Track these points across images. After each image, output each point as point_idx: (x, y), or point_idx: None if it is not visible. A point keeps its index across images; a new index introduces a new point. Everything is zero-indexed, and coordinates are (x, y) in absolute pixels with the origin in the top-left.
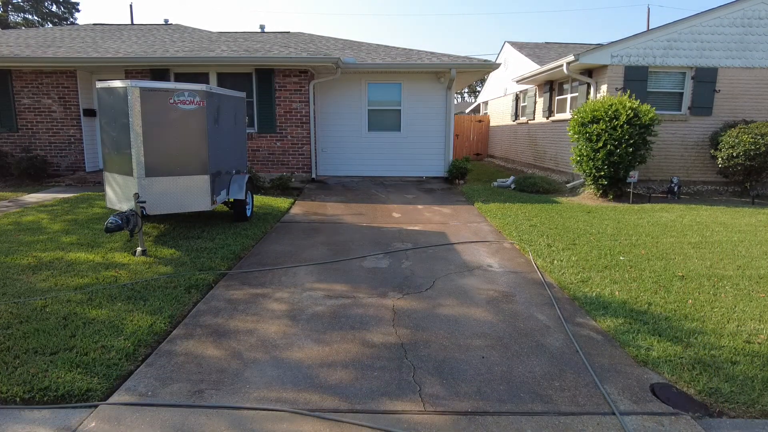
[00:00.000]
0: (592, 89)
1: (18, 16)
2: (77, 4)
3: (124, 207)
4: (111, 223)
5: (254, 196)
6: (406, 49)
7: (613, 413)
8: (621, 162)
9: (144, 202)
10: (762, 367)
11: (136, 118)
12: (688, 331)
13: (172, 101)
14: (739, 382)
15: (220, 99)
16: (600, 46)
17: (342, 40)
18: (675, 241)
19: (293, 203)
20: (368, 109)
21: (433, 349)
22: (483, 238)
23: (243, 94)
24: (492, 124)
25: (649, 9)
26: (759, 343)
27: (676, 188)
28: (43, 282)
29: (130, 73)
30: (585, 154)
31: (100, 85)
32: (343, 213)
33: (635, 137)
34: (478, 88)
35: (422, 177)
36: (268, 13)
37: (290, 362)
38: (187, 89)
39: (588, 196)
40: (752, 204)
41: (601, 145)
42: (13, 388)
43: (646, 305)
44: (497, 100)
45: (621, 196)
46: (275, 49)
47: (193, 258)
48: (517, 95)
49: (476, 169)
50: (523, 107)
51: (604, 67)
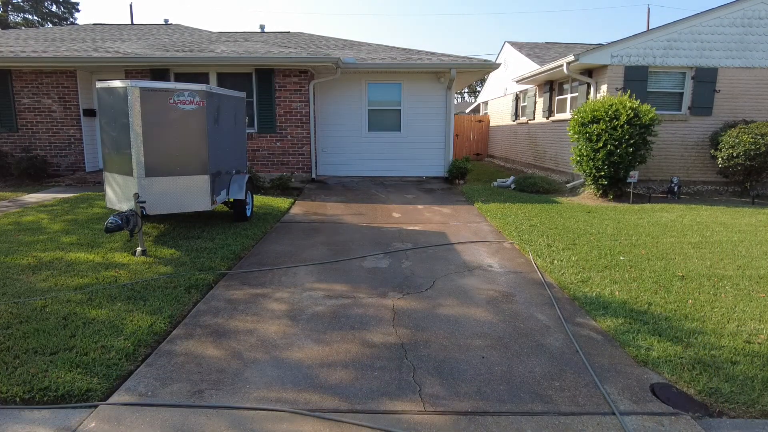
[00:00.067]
0: (592, 89)
1: (18, 16)
2: (77, 4)
3: (124, 207)
4: (111, 223)
5: (254, 196)
6: (406, 49)
7: (613, 413)
8: (621, 162)
9: (144, 202)
10: (762, 367)
11: (136, 118)
12: (688, 331)
13: (172, 101)
14: (739, 382)
15: (220, 99)
16: (600, 46)
17: (342, 40)
18: (675, 241)
19: (293, 203)
20: (368, 109)
21: (433, 349)
22: (483, 238)
23: (243, 94)
24: (492, 124)
25: (649, 9)
26: (759, 343)
27: (676, 188)
28: (43, 282)
29: (130, 73)
30: (585, 154)
31: (100, 85)
32: (343, 213)
33: (635, 137)
34: (478, 88)
35: (422, 177)
36: (268, 13)
37: (290, 362)
38: (187, 89)
39: (588, 196)
40: (752, 204)
41: (601, 145)
42: (13, 388)
43: (646, 305)
44: (497, 100)
45: (621, 196)
46: (275, 49)
47: (193, 258)
48: (517, 95)
49: (476, 169)
50: (523, 107)
51: (604, 67)
